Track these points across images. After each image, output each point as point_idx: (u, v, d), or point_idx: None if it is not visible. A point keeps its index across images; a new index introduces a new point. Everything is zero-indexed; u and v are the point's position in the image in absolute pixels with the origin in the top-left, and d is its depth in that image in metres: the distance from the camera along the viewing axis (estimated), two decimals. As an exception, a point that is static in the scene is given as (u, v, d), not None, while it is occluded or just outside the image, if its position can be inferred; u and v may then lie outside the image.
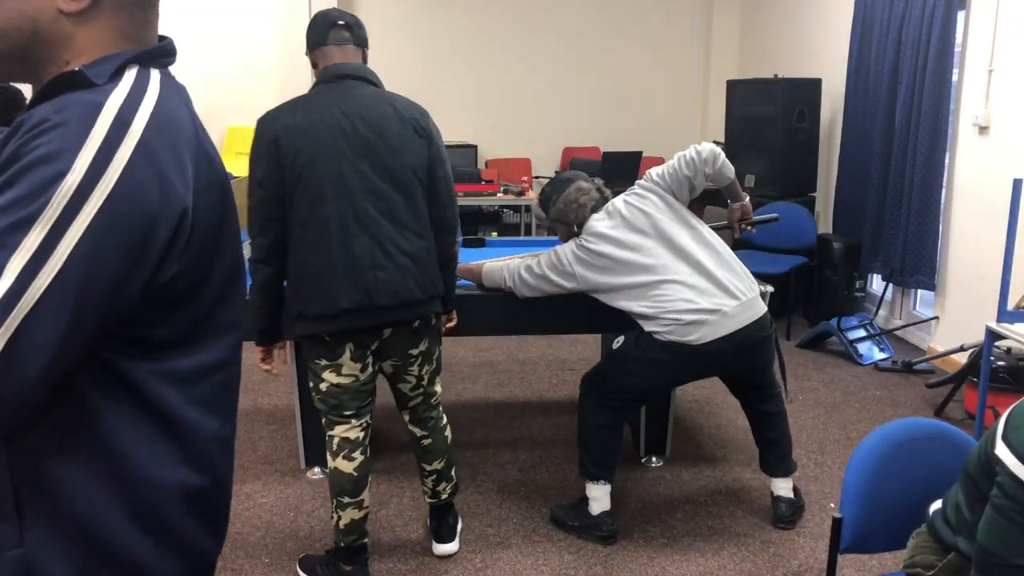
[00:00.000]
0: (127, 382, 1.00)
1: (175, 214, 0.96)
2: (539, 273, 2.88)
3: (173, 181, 0.97)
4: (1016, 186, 3.16)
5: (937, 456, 1.92)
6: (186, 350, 1.05)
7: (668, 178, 2.84)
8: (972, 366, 3.88)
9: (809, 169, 5.88)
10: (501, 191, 6.43)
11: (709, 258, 2.78)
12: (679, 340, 2.71)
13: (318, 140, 2.30)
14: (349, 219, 2.32)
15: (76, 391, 0.97)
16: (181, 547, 1.09)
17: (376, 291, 2.34)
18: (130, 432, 1.01)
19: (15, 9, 0.98)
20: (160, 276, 0.97)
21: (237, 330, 1.14)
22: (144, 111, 0.97)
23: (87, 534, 1.00)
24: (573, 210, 2.88)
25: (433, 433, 2.69)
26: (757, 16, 7.39)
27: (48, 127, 0.90)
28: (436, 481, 2.73)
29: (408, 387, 2.61)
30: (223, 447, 1.14)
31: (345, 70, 2.38)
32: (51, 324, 0.88)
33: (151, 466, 1.03)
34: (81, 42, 1.02)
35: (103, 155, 0.91)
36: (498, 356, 4.93)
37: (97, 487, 1.00)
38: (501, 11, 7.64)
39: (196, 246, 1.01)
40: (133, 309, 0.96)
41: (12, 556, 0.99)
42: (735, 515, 3.12)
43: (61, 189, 0.88)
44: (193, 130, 1.04)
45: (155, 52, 1.07)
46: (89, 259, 0.89)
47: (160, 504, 1.04)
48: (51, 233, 0.87)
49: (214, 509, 1.14)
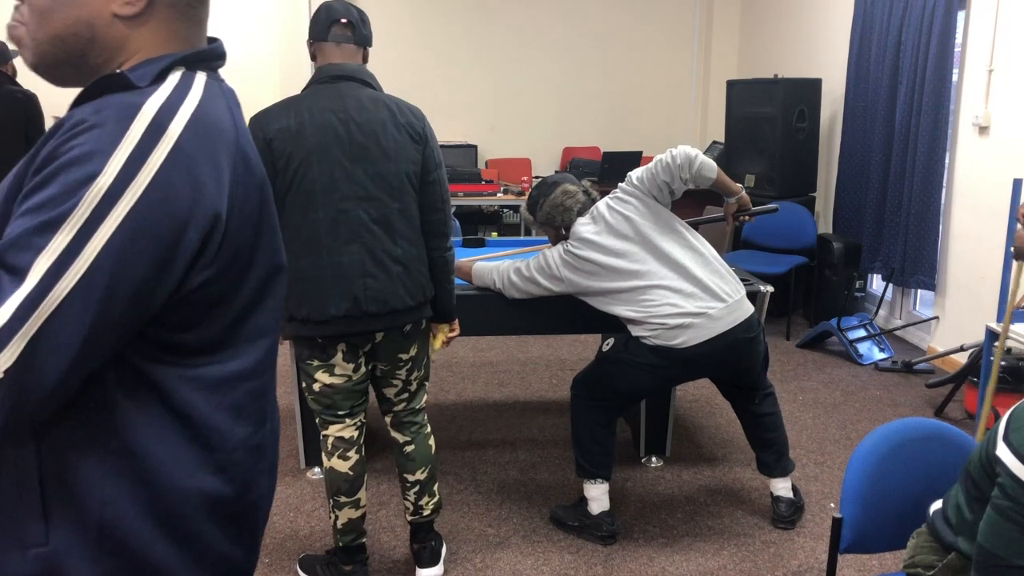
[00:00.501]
0: (155, 387, 0.99)
1: (207, 219, 0.95)
2: (527, 276, 2.89)
3: (206, 186, 0.96)
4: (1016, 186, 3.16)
5: (937, 456, 1.92)
6: (217, 356, 1.04)
7: (647, 182, 2.84)
8: (972, 366, 3.88)
9: (809, 169, 5.88)
10: (501, 191, 6.43)
11: (693, 261, 2.78)
12: (665, 344, 2.72)
13: (312, 144, 2.26)
14: (341, 225, 2.29)
15: (104, 394, 0.97)
16: (206, 556, 1.07)
17: (366, 299, 2.32)
18: (156, 437, 1.00)
19: (72, 16, 0.99)
20: (190, 281, 0.96)
21: (271, 336, 1.12)
22: (183, 114, 0.96)
23: (112, 537, 1.00)
24: (559, 213, 2.90)
25: (416, 439, 2.61)
26: (757, 16, 7.39)
27: (84, 128, 0.91)
28: (419, 494, 2.61)
29: (394, 391, 2.57)
30: (255, 455, 1.11)
31: (342, 71, 2.34)
32: (73, 327, 0.88)
33: (176, 472, 1.02)
34: (134, 45, 1.03)
35: (136, 158, 0.90)
36: (498, 356, 4.93)
37: (122, 490, 1.00)
38: (501, 11, 7.63)
39: (229, 251, 1.00)
40: (163, 313, 0.96)
41: (37, 554, 0.99)
42: (735, 515, 3.12)
43: (91, 191, 0.88)
44: (234, 134, 1.03)
45: (203, 55, 1.07)
46: (115, 263, 0.89)
47: (184, 511, 1.03)
48: (78, 235, 0.87)
49: (243, 518, 1.11)
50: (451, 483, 3.31)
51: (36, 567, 0.99)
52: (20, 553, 0.99)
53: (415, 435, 2.62)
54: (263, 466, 1.14)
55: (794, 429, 3.83)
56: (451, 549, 2.86)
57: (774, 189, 5.71)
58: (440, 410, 4.08)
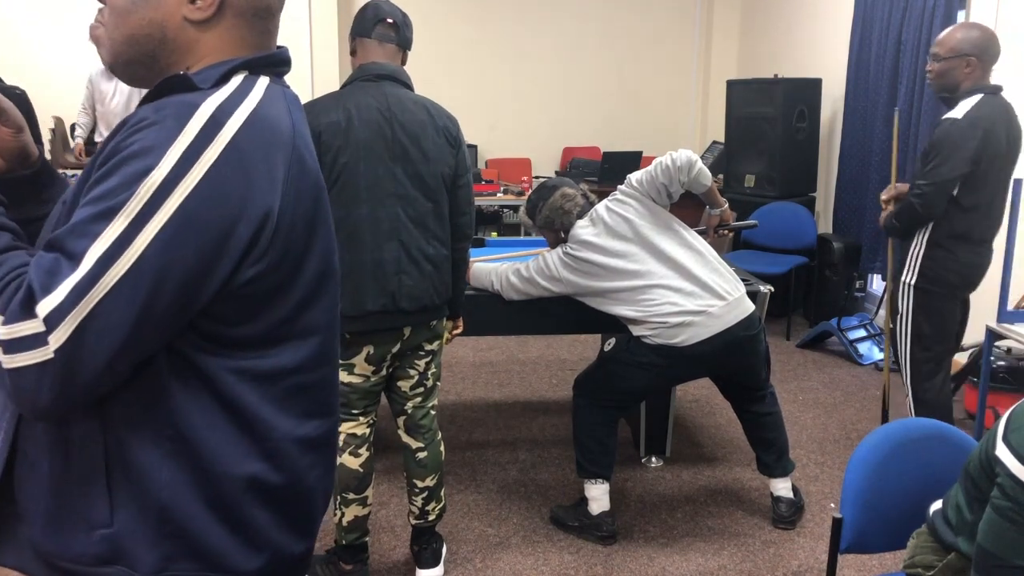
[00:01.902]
0: (203, 376, 1.03)
1: (258, 215, 0.99)
2: (527, 277, 2.90)
3: (258, 183, 1.00)
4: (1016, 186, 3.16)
5: (937, 456, 1.92)
6: (266, 350, 1.07)
7: (646, 184, 2.86)
8: (972, 366, 3.88)
9: (809, 169, 5.88)
10: (501, 191, 6.44)
11: (693, 260, 2.79)
12: (667, 343, 2.73)
13: (359, 141, 2.29)
14: (382, 222, 2.33)
15: (158, 381, 1.01)
16: (258, 541, 1.10)
17: (400, 295, 2.36)
18: (207, 424, 1.04)
19: (146, 17, 1.05)
20: (240, 276, 1.00)
21: (323, 333, 1.15)
22: (240, 115, 1.00)
23: (171, 521, 1.04)
24: (559, 216, 2.91)
25: (429, 446, 2.62)
26: (757, 16, 7.39)
27: (145, 125, 0.96)
28: (426, 500, 2.63)
29: (409, 384, 2.56)
30: (304, 448, 1.13)
31: (384, 70, 2.37)
32: (122, 312, 0.92)
33: (226, 458, 1.05)
34: (203, 49, 1.08)
35: (191, 153, 0.95)
36: (498, 356, 4.93)
37: (179, 475, 1.04)
38: (501, 11, 7.64)
39: (280, 248, 1.03)
40: (213, 306, 1.00)
41: (103, 535, 1.03)
42: (735, 515, 3.12)
43: (146, 184, 0.93)
44: (291, 136, 1.07)
45: (266, 59, 1.11)
46: (164, 253, 0.93)
47: (235, 496, 1.07)
48: (132, 225, 0.92)
49: (294, 507, 1.14)
50: (451, 483, 3.31)
51: (101, 548, 1.03)
52: (86, 534, 1.03)
53: (428, 441, 2.62)
54: (315, 457, 1.16)
55: (794, 429, 3.83)
56: (451, 549, 2.86)
57: (774, 189, 5.71)
58: (440, 410, 4.08)
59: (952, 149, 2.95)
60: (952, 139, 2.96)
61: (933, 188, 2.97)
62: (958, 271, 3.11)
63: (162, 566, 1.04)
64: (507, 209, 7.19)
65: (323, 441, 1.18)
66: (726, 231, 3.13)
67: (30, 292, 0.91)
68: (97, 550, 1.03)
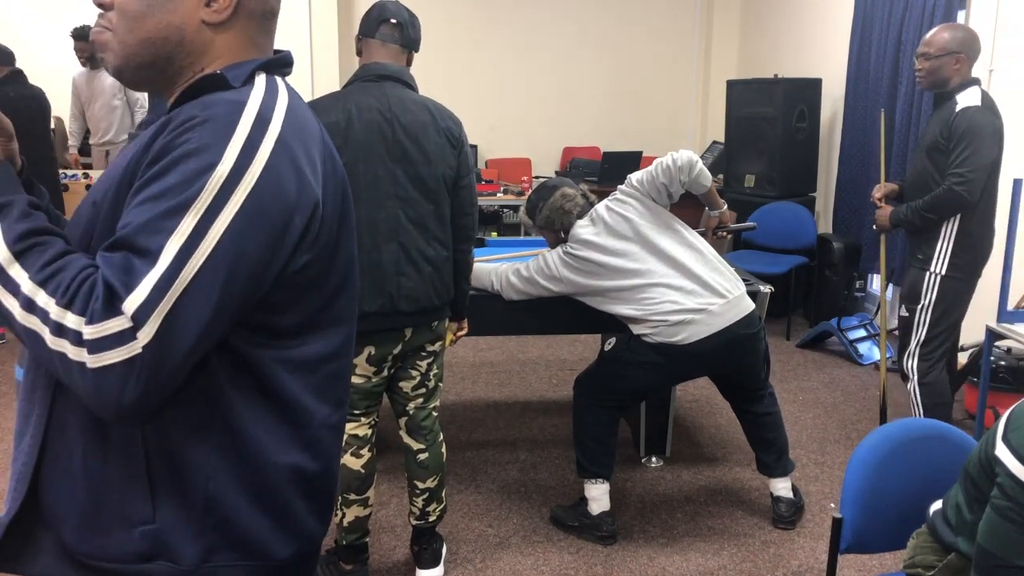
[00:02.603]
0: (251, 367, 1.05)
1: (309, 205, 1.04)
2: (527, 276, 2.90)
3: (307, 175, 1.04)
4: (1016, 186, 3.17)
5: (937, 456, 1.92)
6: (306, 338, 1.10)
7: (647, 184, 2.86)
8: (972, 366, 3.88)
9: (809, 169, 5.88)
10: (501, 191, 6.44)
11: (693, 259, 2.80)
12: (667, 341, 2.73)
13: (359, 142, 2.29)
14: (380, 223, 2.32)
15: (207, 374, 1.03)
16: (295, 529, 1.13)
17: (399, 296, 2.35)
18: (251, 415, 1.06)
19: (163, 20, 1.08)
20: (294, 263, 1.04)
21: (350, 323, 1.19)
22: (280, 111, 1.04)
23: (215, 512, 1.05)
24: (559, 217, 2.91)
25: (431, 448, 2.61)
26: (757, 16, 7.39)
27: (196, 123, 0.98)
28: (427, 501, 2.62)
29: (411, 385, 2.56)
30: (334, 434, 1.18)
31: (386, 71, 2.37)
32: (202, 302, 0.95)
33: (271, 449, 1.08)
34: (216, 50, 1.11)
35: (248, 148, 0.98)
36: (498, 356, 4.93)
37: (224, 467, 1.05)
38: (502, 12, 7.64)
39: (324, 237, 1.08)
40: (265, 294, 1.03)
41: (144, 532, 1.04)
42: (735, 515, 3.12)
43: (213, 178, 0.96)
44: (320, 132, 1.12)
45: (277, 61, 1.15)
46: (237, 242, 0.96)
47: (278, 486, 1.09)
48: (204, 218, 0.95)
49: (324, 494, 1.18)
50: (451, 483, 3.31)
51: (143, 545, 1.04)
52: (126, 532, 1.04)
53: (430, 443, 2.61)
54: (339, 447, 1.22)
55: (794, 429, 3.83)
56: (451, 549, 2.86)
57: (774, 189, 5.71)
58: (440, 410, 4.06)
59: (984, 133, 3.11)
60: (981, 124, 3.12)
61: (976, 174, 3.11)
62: (984, 255, 3.30)
63: (204, 558, 1.05)
64: (507, 209, 7.20)
65: (342, 428, 1.23)
66: (725, 233, 3.14)
67: (111, 291, 0.93)
68: (137, 547, 1.04)
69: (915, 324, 3.34)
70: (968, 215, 3.21)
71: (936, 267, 3.26)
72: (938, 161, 3.22)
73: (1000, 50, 4.34)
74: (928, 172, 3.27)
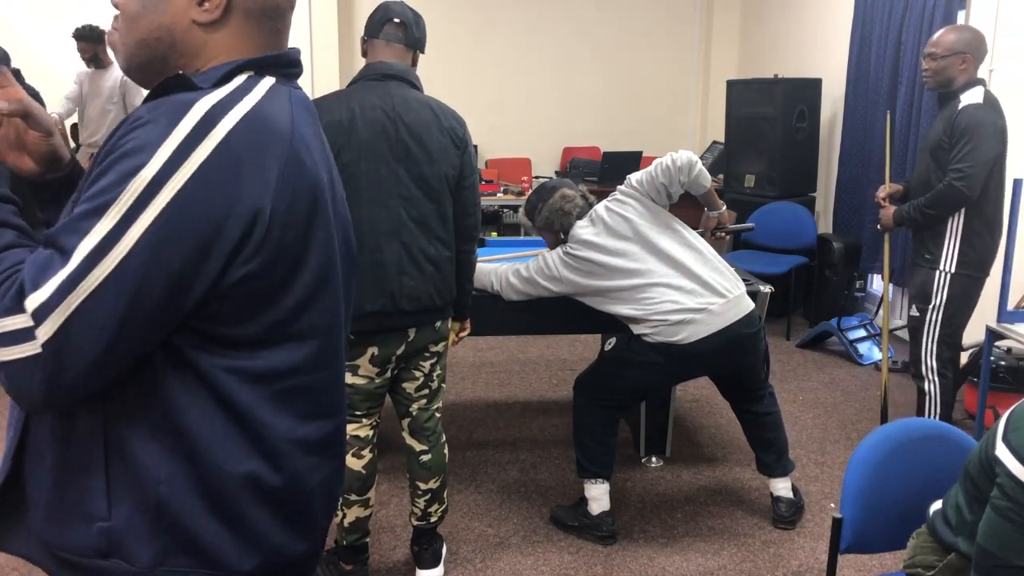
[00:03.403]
0: (200, 374, 1.04)
1: (247, 214, 0.99)
2: (527, 277, 2.90)
3: (249, 182, 1.00)
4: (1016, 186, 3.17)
5: (937, 456, 1.92)
6: (261, 351, 1.07)
7: (646, 184, 2.86)
8: (972, 366, 3.88)
9: (809, 169, 5.88)
10: (501, 191, 6.44)
11: (693, 259, 2.80)
12: (667, 341, 2.73)
13: (362, 140, 2.29)
14: (383, 223, 2.32)
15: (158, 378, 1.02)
16: (256, 540, 1.10)
17: (400, 296, 2.35)
18: (205, 421, 1.04)
19: (155, 21, 1.07)
20: (231, 275, 1.00)
21: (323, 336, 1.14)
22: (235, 114, 1.00)
23: (167, 516, 1.04)
24: (559, 218, 2.90)
25: (434, 449, 2.61)
26: (757, 16, 7.39)
27: (140, 124, 0.97)
28: (429, 502, 2.62)
29: (415, 386, 2.56)
30: (304, 449, 1.13)
31: (391, 70, 2.37)
32: (109, 308, 0.93)
33: (223, 455, 1.06)
34: (212, 50, 1.09)
35: (181, 152, 0.96)
36: (498, 356, 4.93)
37: (177, 471, 1.04)
38: (501, 11, 7.64)
39: (273, 249, 1.03)
40: (209, 305, 1.00)
41: (101, 528, 1.04)
42: (735, 515, 3.12)
43: (135, 181, 0.94)
44: (288, 136, 1.06)
45: (272, 60, 1.12)
46: (152, 249, 0.94)
47: (232, 493, 1.07)
48: (121, 222, 0.93)
49: (294, 508, 1.14)
50: (451, 483, 3.31)
51: (100, 541, 1.05)
52: (86, 526, 1.05)
53: (433, 444, 2.61)
54: (319, 460, 1.16)
55: (794, 429, 3.83)
56: (451, 549, 2.86)
57: (774, 189, 5.71)
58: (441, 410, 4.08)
59: (985, 130, 3.14)
60: (982, 121, 3.14)
61: (976, 170, 3.13)
62: (993, 252, 3.32)
63: (158, 560, 1.05)
64: (507, 209, 7.19)
65: (327, 443, 1.18)
66: (724, 234, 3.14)
67: (21, 287, 0.93)
68: (95, 542, 1.05)
69: (927, 324, 3.35)
70: (974, 212, 3.22)
71: (945, 265, 3.28)
72: (941, 160, 3.23)
73: (1000, 50, 4.34)
74: (932, 171, 3.28)
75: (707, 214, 3.06)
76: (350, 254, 1.26)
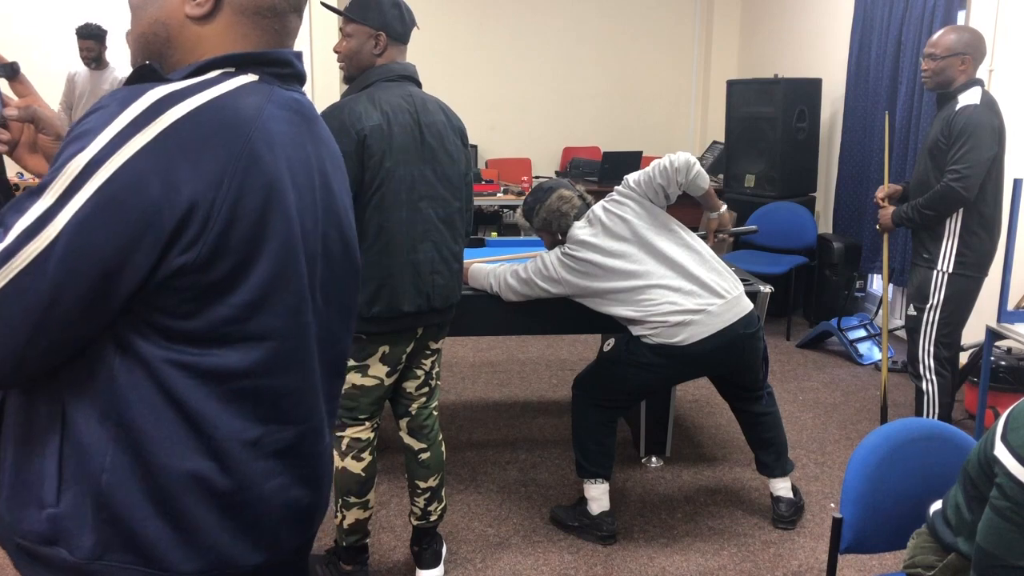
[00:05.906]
0: (147, 365, 1.03)
1: (182, 205, 0.97)
2: (525, 278, 2.90)
3: (189, 173, 0.98)
4: (1016, 186, 3.17)
5: (937, 456, 1.92)
6: (210, 348, 1.04)
7: (644, 185, 2.86)
8: (972, 366, 3.88)
9: (809, 169, 5.88)
10: (501, 191, 6.43)
11: (691, 260, 2.80)
12: (666, 342, 2.73)
13: (398, 144, 2.29)
14: (417, 224, 2.34)
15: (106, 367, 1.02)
16: (199, 542, 1.07)
17: (434, 295, 2.39)
18: (151, 415, 1.04)
19: (152, 16, 1.10)
20: (167, 265, 0.99)
21: (280, 339, 1.10)
22: (186, 105, 0.99)
23: (107, 507, 1.03)
24: (556, 218, 2.90)
25: (432, 447, 2.62)
26: (757, 16, 7.39)
27: (95, 109, 0.98)
28: (428, 500, 2.62)
29: (415, 384, 2.56)
30: (256, 453, 1.09)
31: (406, 71, 2.38)
32: (38, 287, 0.94)
33: (168, 451, 1.04)
34: (205, 46, 1.09)
35: (121, 137, 0.96)
36: (498, 356, 4.93)
37: (121, 462, 1.03)
38: (501, 11, 7.64)
39: (213, 242, 1.00)
40: (155, 297, 1.00)
41: (49, 515, 1.04)
42: (735, 515, 3.12)
43: (72, 163, 0.95)
44: (248, 130, 1.03)
45: (253, 57, 1.10)
46: (79, 233, 0.94)
47: (175, 491, 1.05)
48: (55, 203, 0.94)
49: (245, 514, 1.10)
50: (451, 483, 3.31)
51: (47, 527, 1.04)
52: (37, 510, 1.04)
53: (431, 442, 2.62)
54: (275, 466, 1.12)
55: (794, 429, 3.83)
56: (451, 549, 2.86)
57: (774, 189, 5.71)
58: (440, 410, 4.07)
59: (982, 131, 3.14)
60: (979, 122, 3.15)
61: (973, 170, 3.14)
62: (990, 253, 3.32)
63: (97, 553, 1.03)
64: (507, 209, 7.19)
65: (287, 450, 1.13)
66: (725, 236, 3.13)
67: None
68: (43, 528, 1.04)
69: (924, 323, 3.35)
70: (971, 212, 3.22)
71: (943, 265, 3.28)
72: (939, 160, 3.23)
73: (1000, 50, 4.34)
74: (930, 171, 3.28)
75: (707, 216, 3.06)
76: (348, 256, 1.23)
